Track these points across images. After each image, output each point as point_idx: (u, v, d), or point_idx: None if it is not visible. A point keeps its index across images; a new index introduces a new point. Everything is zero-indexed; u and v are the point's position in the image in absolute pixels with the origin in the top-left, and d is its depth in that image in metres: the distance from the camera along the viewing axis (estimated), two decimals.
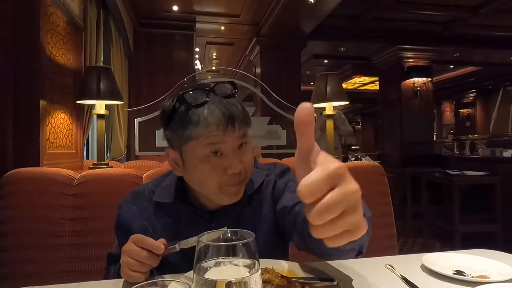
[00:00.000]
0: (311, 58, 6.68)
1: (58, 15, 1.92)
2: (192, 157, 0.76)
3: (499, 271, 0.76)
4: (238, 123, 0.74)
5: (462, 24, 5.35)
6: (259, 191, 0.89)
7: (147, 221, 0.86)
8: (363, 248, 0.61)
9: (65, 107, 2.04)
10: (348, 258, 0.72)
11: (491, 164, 4.22)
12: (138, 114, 2.44)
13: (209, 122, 0.72)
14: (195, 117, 0.72)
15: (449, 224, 3.55)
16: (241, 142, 0.77)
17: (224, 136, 0.73)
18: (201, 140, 0.73)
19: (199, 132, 0.72)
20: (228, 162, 0.75)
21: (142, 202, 0.89)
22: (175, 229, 0.84)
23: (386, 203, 1.44)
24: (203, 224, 0.82)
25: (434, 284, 0.74)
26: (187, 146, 0.75)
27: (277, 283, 0.65)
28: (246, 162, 0.78)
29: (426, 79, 5.74)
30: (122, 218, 0.88)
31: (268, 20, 4.66)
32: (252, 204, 0.88)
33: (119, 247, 0.82)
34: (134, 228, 0.84)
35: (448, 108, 11.55)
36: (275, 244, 0.87)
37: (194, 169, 0.77)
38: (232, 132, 0.74)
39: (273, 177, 0.91)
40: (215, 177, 0.75)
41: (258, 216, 0.87)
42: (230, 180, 0.76)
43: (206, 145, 0.73)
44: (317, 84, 2.41)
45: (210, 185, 0.76)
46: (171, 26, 4.85)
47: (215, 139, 0.73)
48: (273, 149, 2.73)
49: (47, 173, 1.25)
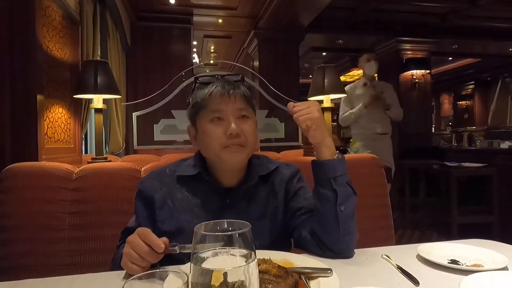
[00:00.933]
0: (309, 51, 6.65)
1: (53, 9, 1.91)
2: (202, 124, 0.91)
3: (493, 260, 0.77)
4: (237, 95, 0.89)
5: (460, 16, 5.32)
6: (273, 177, 0.99)
7: (167, 194, 0.93)
8: (343, 203, 0.86)
9: (62, 101, 2.03)
10: (329, 213, 0.87)
11: (489, 155, 4.23)
12: (136, 108, 2.43)
13: (212, 92, 0.89)
14: (203, 91, 0.90)
15: (447, 215, 3.57)
16: (241, 113, 0.90)
17: (223, 104, 0.88)
18: (207, 108, 0.89)
19: (205, 101, 0.89)
20: (227, 125, 0.88)
21: (163, 178, 0.96)
22: (192, 202, 0.92)
23: (383, 195, 1.45)
24: (218, 200, 0.92)
25: (429, 273, 0.75)
26: (198, 117, 0.92)
27: (274, 273, 0.66)
28: (246, 131, 0.89)
29: (424, 71, 5.74)
30: (144, 190, 0.95)
31: (266, 13, 4.62)
32: (264, 186, 0.97)
33: (136, 221, 0.93)
34: (156, 199, 0.92)
35: (447, 100, 11.55)
36: (280, 229, 0.96)
37: (203, 134, 0.90)
38: (229, 100, 0.88)
39: (288, 172, 1.01)
40: (217, 138, 0.88)
41: (269, 198, 0.96)
42: (229, 140, 0.87)
43: (210, 111, 0.89)
44: (315, 76, 2.40)
45: (214, 145, 0.88)
46: (168, 19, 4.82)
47: (216, 106, 0.89)
48: (272, 142, 2.73)
49: (45, 168, 1.25)
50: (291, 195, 0.98)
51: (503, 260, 0.75)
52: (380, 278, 0.72)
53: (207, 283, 0.43)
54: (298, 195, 0.97)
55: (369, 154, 1.56)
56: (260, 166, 0.98)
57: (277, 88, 2.58)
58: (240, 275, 0.43)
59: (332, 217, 0.86)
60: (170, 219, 0.90)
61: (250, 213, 0.91)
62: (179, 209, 0.91)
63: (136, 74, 4.62)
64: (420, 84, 5.72)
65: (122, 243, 0.92)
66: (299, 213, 0.95)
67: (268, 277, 0.64)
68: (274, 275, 0.65)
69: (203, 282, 0.43)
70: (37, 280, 0.76)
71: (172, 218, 0.90)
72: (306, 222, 0.92)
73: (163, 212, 0.91)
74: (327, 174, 0.87)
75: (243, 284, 0.43)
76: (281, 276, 0.65)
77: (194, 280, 0.44)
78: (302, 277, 0.68)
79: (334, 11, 4.98)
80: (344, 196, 0.86)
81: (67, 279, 0.76)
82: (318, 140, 0.88)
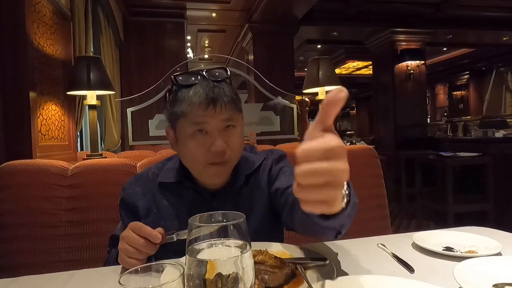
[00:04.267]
0: (304, 43, 6.62)
1: (44, 5, 1.88)
2: (182, 134, 0.81)
3: (486, 246, 0.78)
4: (222, 105, 0.78)
5: (454, 5, 5.31)
6: (256, 173, 0.93)
7: (151, 201, 0.89)
8: (343, 229, 0.61)
9: (56, 98, 2.02)
10: (328, 239, 0.75)
11: (484, 145, 4.26)
12: (131, 103, 2.42)
13: (192, 102, 0.77)
14: (182, 97, 0.79)
15: (443, 204, 3.61)
16: (226, 124, 0.81)
17: (207, 116, 0.78)
18: (188, 118, 0.79)
19: (185, 110, 0.78)
20: (211, 141, 0.79)
21: (145, 184, 0.91)
22: (178, 209, 0.87)
23: (379, 185, 1.46)
24: (204, 204, 0.86)
25: (424, 260, 0.76)
26: (178, 124, 0.82)
27: (270, 263, 0.66)
28: (232, 145, 0.81)
29: (419, 62, 5.74)
30: (127, 199, 0.90)
31: (260, 6, 4.59)
32: (250, 184, 0.92)
33: (121, 229, 0.84)
34: (140, 208, 0.88)
35: (442, 90, 11.58)
36: (271, 225, 0.91)
37: (183, 145, 0.82)
38: (214, 113, 0.77)
39: (270, 161, 0.95)
40: (200, 155, 0.80)
41: (255, 196, 0.91)
42: (213, 158, 0.79)
43: (192, 123, 0.79)
44: (309, 69, 2.40)
45: (195, 162, 0.81)
46: (161, 14, 4.77)
47: (199, 119, 0.78)
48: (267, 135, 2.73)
49: (40, 165, 1.25)
50: (273, 180, 0.91)
51: (497, 246, 0.76)
52: (375, 267, 0.73)
53: (202, 274, 0.43)
54: (278, 177, 0.90)
55: (366, 145, 1.57)
56: (246, 163, 0.92)
57: (272, 81, 2.58)
58: (235, 266, 0.43)
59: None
60: (157, 227, 0.79)
61: None
62: (165, 216, 0.87)
63: (130, 69, 4.58)
64: (415, 75, 5.72)
65: (112, 247, 0.91)
66: (280, 192, 0.84)
67: (265, 267, 0.65)
68: (271, 266, 0.65)
69: (198, 273, 0.43)
70: (34, 277, 0.76)
71: (158, 226, 0.79)
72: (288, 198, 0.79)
73: (149, 220, 0.86)
74: (334, 224, 0.57)
75: (238, 275, 0.43)
76: (277, 267, 0.65)
77: (189, 272, 0.44)
78: (299, 267, 0.68)
79: (328, 3, 4.95)
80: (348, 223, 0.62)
81: (64, 275, 0.76)
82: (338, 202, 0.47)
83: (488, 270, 0.64)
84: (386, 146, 5.78)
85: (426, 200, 4.09)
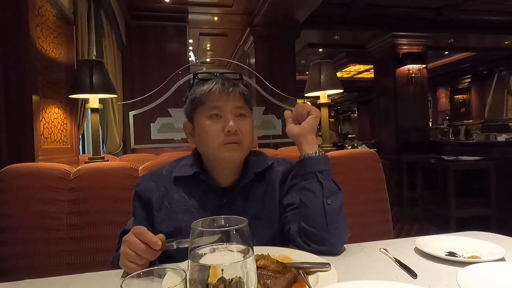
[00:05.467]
0: (305, 47, 6.64)
1: (47, 9, 1.89)
2: (199, 120, 0.91)
3: (490, 251, 0.78)
4: (235, 92, 0.90)
5: (456, 9, 5.32)
6: (268, 173, 0.99)
7: (163, 196, 0.94)
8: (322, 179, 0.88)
9: (58, 102, 2.03)
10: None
11: (486, 148, 4.25)
12: (133, 107, 2.42)
13: (210, 89, 0.90)
14: (202, 87, 0.91)
15: (445, 208, 3.59)
16: (239, 112, 0.91)
17: (221, 100, 0.89)
18: (206, 104, 0.90)
19: (203, 98, 0.90)
20: (225, 122, 0.88)
21: (159, 180, 0.96)
22: (189, 203, 0.93)
23: (381, 189, 1.45)
24: (215, 199, 0.93)
25: (427, 265, 0.75)
26: (196, 113, 0.92)
27: (272, 268, 0.66)
28: (243, 129, 0.90)
29: (420, 66, 5.74)
30: (141, 192, 0.95)
31: (261, 10, 4.61)
32: (261, 182, 0.98)
33: (134, 223, 0.91)
34: (153, 201, 0.93)
35: (443, 94, 11.56)
36: (278, 226, 0.95)
37: (201, 130, 0.91)
38: (227, 98, 0.90)
39: (283, 168, 1.01)
40: (215, 135, 0.89)
41: (265, 196, 0.97)
42: (227, 138, 0.88)
43: (209, 108, 0.90)
44: (310, 72, 2.40)
45: (212, 142, 0.89)
46: (163, 17, 4.79)
47: (215, 103, 0.89)
48: (269, 139, 2.73)
49: (42, 168, 1.25)
50: (285, 192, 0.98)
51: (500, 251, 0.76)
52: (378, 272, 0.73)
53: (204, 279, 0.43)
54: (290, 192, 0.97)
55: (367, 149, 1.57)
56: (256, 163, 0.98)
57: (274, 85, 2.58)
58: (238, 271, 0.43)
59: (319, 211, 0.85)
60: (168, 220, 0.90)
61: (247, 212, 0.91)
62: (176, 210, 0.92)
63: (132, 73, 4.60)
64: (417, 78, 5.72)
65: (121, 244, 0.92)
66: (289, 209, 0.94)
67: (267, 272, 0.64)
68: (273, 271, 0.65)
69: (201, 278, 0.43)
70: (36, 281, 0.76)
71: (170, 219, 0.90)
72: (295, 218, 0.91)
73: (161, 214, 0.91)
74: (313, 168, 0.88)
75: (241, 279, 0.43)
76: (279, 271, 0.65)
77: (191, 277, 0.44)
78: (301, 272, 0.68)
79: (329, 7, 4.97)
80: (330, 190, 0.87)
81: (66, 279, 0.76)
82: (308, 129, 0.91)
83: (492, 276, 0.63)
84: (388, 150, 5.76)
85: (428, 204, 4.08)
